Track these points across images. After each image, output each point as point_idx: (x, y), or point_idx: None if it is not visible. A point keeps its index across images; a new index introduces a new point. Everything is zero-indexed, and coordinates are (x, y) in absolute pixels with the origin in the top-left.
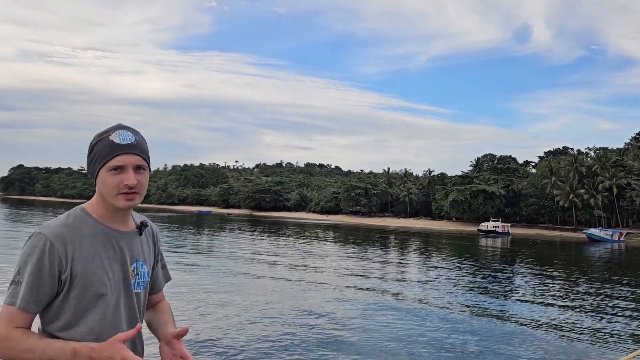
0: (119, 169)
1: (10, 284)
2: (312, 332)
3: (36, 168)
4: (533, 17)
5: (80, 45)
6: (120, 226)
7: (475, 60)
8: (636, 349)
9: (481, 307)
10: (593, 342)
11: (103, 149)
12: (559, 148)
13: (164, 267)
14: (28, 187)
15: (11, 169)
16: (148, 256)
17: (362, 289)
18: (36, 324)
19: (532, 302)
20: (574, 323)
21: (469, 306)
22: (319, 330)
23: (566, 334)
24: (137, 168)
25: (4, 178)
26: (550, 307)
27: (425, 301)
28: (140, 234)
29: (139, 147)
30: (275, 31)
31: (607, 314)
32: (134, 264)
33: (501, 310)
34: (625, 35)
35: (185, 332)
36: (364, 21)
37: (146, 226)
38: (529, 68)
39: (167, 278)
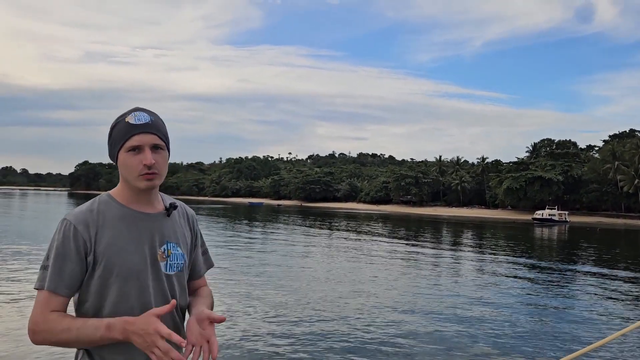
0: (137, 149)
1: (40, 270)
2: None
3: (100, 164)
4: None
5: (139, 44)
6: (146, 208)
7: (534, 42)
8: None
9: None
10: None
11: (120, 131)
12: (625, 131)
13: (205, 252)
14: (93, 182)
15: (77, 165)
16: (182, 238)
17: (414, 280)
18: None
19: (588, 291)
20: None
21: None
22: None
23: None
24: (155, 148)
25: (71, 174)
26: (608, 298)
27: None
28: (168, 215)
29: (154, 127)
30: (328, 22)
31: None
32: (164, 246)
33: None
34: None
35: (222, 319)
36: (416, 7)
37: (175, 207)
38: (593, 48)
39: (209, 264)
